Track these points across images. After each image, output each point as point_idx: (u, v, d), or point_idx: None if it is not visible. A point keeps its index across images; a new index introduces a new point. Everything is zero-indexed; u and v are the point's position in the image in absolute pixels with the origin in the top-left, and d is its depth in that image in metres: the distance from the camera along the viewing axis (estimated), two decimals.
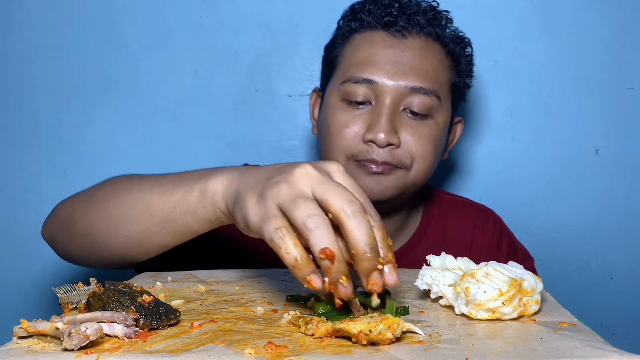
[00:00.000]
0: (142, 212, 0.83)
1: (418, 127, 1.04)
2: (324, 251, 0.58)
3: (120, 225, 0.86)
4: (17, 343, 0.57)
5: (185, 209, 0.78)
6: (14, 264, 1.46)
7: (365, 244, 0.59)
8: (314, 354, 0.53)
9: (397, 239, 1.18)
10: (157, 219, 0.82)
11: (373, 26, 1.07)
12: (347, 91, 1.05)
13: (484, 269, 0.66)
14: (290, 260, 0.60)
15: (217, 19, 1.41)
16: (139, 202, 0.84)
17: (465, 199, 1.28)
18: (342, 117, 1.05)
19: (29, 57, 1.42)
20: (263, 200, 0.63)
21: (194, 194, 0.77)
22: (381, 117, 1.02)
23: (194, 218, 0.78)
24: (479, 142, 1.43)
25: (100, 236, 0.88)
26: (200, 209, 0.77)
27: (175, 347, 0.56)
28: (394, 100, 1.03)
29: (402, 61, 1.04)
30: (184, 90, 1.43)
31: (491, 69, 1.40)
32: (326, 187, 0.62)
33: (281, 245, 0.60)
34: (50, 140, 1.44)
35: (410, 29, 1.06)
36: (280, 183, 0.63)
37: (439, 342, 0.57)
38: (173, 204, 0.80)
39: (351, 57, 1.08)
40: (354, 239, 0.59)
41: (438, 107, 1.05)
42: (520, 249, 1.23)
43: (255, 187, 0.66)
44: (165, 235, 0.83)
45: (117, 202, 0.87)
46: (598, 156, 1.41)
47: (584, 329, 0.61)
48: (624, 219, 1.42)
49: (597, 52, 1.39)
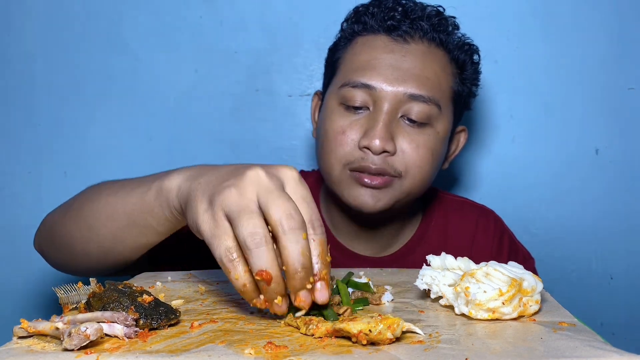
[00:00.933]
0: (108, 216, 0.84)
1: (416, 135, 1.02)
2: (259, 274, 0.60)
3: (92, 230, 0.87)
4: (17, 343, 0.57)
5: (144, 209, 0.79)
6: (14, 264, 1.46)
7: (297, 262, 0.60)
8: (314, 354, 0.53)
9: (397, 241, 1.18)
10: (121, 221, 0.83)
11: (376, 30, 1.05)
12: (345, 95, 1.03)
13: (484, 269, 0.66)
14: (239, 285, 0.61)
15: (217, 19, 1.41)
16: (106, 206, 0.85)
17: (466, 200, 1.28)
18: (339, 123, 1.03)
19: (29, 57, 1.42)
20: (212, 207, 0.63)
21: (151, 193, 0.77)
22: (377, 123, 1.00)
23: (153, 217, 0.79)
24: (479, 143, 1.43)
25: (76, 243, 0.90)
26: (157, 208, 0.77)
27: (175, 347, 0.56)
28: (392, 107, 1.01)
29: (402, 67, 1.02)
30: (184, 90, 1.43)
31: (491, 69, 1.39)
32: (271, 198, 0.62)
33: (230, 270, 0.61)
34: (50, 140, 1.44)
35: (413, 33, 1.03)
36: (229, 188, 0.63)
37: (439, 342, 0.57)
38: (132, 205, 0.80)
39: (352, 60, 1.06)
40: (286, 257, 0.60)
41: (438, 116, 1.03)
42: (521, 249, 1.23)
43: (207, 190, 0.66)
44: (132, 238, 0.84)
45: (89, 207, 0.88)
46: (598, 156, 1.41)
47: (584, 329, 0.61)
48: (624, 219, 1.42)
49: (597, 52, 1.39)
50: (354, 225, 1.13)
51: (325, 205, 1.18)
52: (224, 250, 0.61)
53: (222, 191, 0.63)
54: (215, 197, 0.63)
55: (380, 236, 1.15)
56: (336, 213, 1.14)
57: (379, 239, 1.16)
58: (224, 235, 0.62)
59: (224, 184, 0.64)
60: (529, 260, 1.22)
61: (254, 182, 0.63)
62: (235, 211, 0.61)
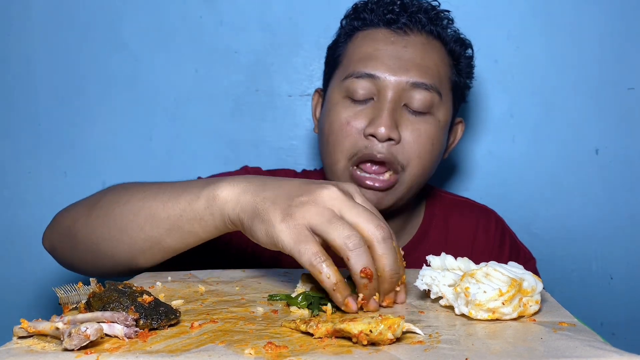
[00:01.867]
0: (146, 220, 0.84)
1: (418, 124, 1.03)
2: (364, 271, 0.65)
3: (124, 233, 0.86)
4: (17, 343, 0.57)
5: (192, 216, 0.80)
6: (14, 264, 1.46)
7: (392, 270, 0.67)
8: (314, 354, 0.53)
9: (398, 239, 1.17)
10: (162, 226, 0.83)
11: (375, 24, 1.08)
12: (349, 87, 1.05)
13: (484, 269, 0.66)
14: (330, 284, 0.65)
15: (217, 19, 1.41)
16: (142, 210, 0.85)
17: (467, 199, 1.28)
18: (344, 115, 1.05)
19: (29, 57, 1.42)
20: (292, 220, 0.67)
21: (200, 201, 0.79)
22: (382, 111, 1.01)
23: (200, 225, 0.80)
24: (479, 142, 1.43)
25: (103, 244, 0.89)
26: (208, 216, 0.78)
27: (175, 347, 0.56)
28: (396, 95, 1.03)
29: (404, 57, 1.04)
30: (184, 90, 1.43)
31: (491, 68, 1.39)
32: (356, 212, 0.67)
33: (321, 271, 0.65)
34: (50, 140, 1.44)
35: (412, 26, 1.06)
36: (308, 203, 0.68)
37: (439, 343, 0.57)
38: (179, 211, 0.81)
39: (353, 53, 1.08)
40: (383, 264, 0.66)
41: (439, 104, 1.05)
42: (522, 250, 1.23)
43: (278, 204, 0.69)
44: (170, 242, 0.84)
45: (120, 210, 0.87)
46: (598, 156, 1.41)
47: (584, 329, 0.61)
48: (624, 219, 1.42)
49: (597, 52, 1.39)
50: None
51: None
52: (312, 255, 0.65)
53: (300, 206, 0.68)
54: (294, 211, 0.68)
55: None
56: None
57: None
58: (310, 242, 0.66)
59: (300, 199, 0.69)
60: (530, 261, 1.22)
61: (332, 198, 0.68)
62: (324, 222, 0.66)
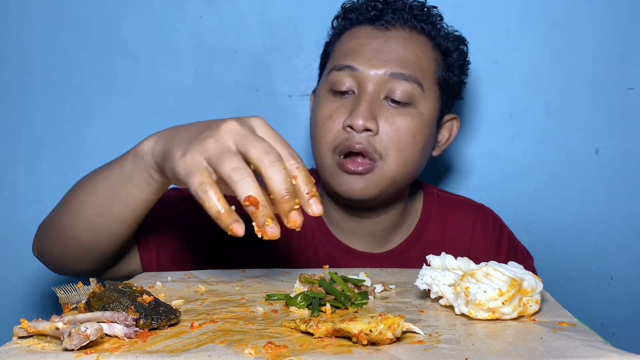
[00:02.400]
0: (94, 195, 0.88)
1: (397, 116, 1.05)
2: (248, 199, 0.64)
3: (82, 213, 0.89)
4: (17, 343, 0.57)
5: (124, 178, 0.83)
6: (14, 264, 1.46)
7: (282, 188, 0.65)
8: (314, 353, 0.54)
9: (394, 237, 1.18)
10: (104, 196, 0.87)
11: (361, 22, 1.11)
12: (332, 80, 1.08)
13: (484, 269, 0.66)
14: (214, 212, 0.65)
15: (217, 19, 1.41)
16: (92, 187, 0.89)
17: (464, 198, 1.28)
18: (327, 109, 1.07)
19: (29, 57, 1.42)
20: (189, 153, 0.68)
21: (127, 161, 0.83)
22: (361, 103, 1.03)
23: (133, 184, 0.83)
24: (478, 142, 1.43)
25: (68, 230, 0.91)
26: (136, 173, 0.82)
27: (175, 347, 0.56)
28: (375, 88, 1.05)
29: (384, 49, 1.06)
30: (184, 90, 1.43)
31: (491, 69, 1.39)
32: (248, 141, 0.68)
33: (204, 199, 0.65)
34: (50, 140, 1.44)
35: (395, 22, 1.09)
36: (207, 138, 0.69)
37: (439, 342, 0.57)
38: (113, 177, 0.85)
39: (339, 49, 1.12)
40: (272, 185, 0.65)
41: (420, 96, 1.06)
42: (520, 248, 1.23)
43: (183, 142, 0.71)
44: (118, 210, 0.86)
45: (78, 193, 0.91)
46: (598, 156, 1.41)
47: (584, 329, 0.61)
48: (624, 219, 1.42)
49: (597, 52, 1.39)
50: (349, 219, 1.14)
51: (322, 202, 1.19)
52: (198, 184, 0.66)
53: (200, 141, 0.69)
54: (194, 146, 0.69)
55: (375, 231, 1.16)
56: (332, 208, 1.15)
57: (375, 234, 1.16)
58: (199, 173, 0.67)
59: (201, 135, 0.70)
60: (528, 259, 1.22)
61: (229, 131, 0.69)
62: (215, 154, 0.67)
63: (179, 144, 0.72)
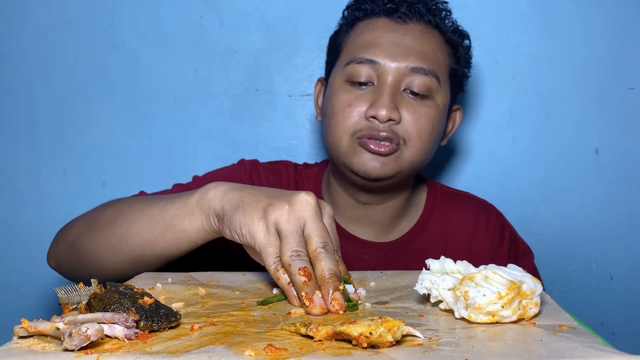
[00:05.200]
0: (144, 225, 0.88)
1: (418, 106, 1.08)
2: (302, 269, 0.71)
3: (123, 242, 0.90)
4: (18, 343, 0.57)
5: (185, 213, 0.85)
6: (14, 264, 1.46)
7: (330, 270, 0.72)
8: (314, 356, 0.54)
9: (398, 226, 1.20)
10: (157, 228, 0.87)
11: (376, 14, 1.12)
12: (350, 72, 1.09)
13: (483, 272, 0.66)
14: (284, 283, 0.73)
15: (217, 19, 1.41)
16: (141, 217, 0.89)
17: (466, 193, 1.29)
18: (345, 98, 1.09)
19: (29, 57, 1.42)
20: (266, 219, 0.75)
21: (194, 197, 0.85)
22: (383, 95, 1.06)
23: (190, 222, 0.84)
24: (479, 142, 1.43)
25: (104, 255, 0.92)
26: (197, 211, 0.83)
27: (175, 348, 0.56)
28: (396, 80, 1.07)
29: (403, 43, 1.08)
30: (184, 90, 1.43)
31: (491, 69, 1.39)
32: (314, 226, 0.75)
33: (279, 277, 0.74)
34: (50, 140, 1.44)
35: (411, 15, 1.10)
36: (283, 204, 0.75)
37: (439, 345, 0.57)
38: (175, 210, 0.86)
39: (355, 41, 1.12)
40: (322, 268, 0.72)
41: (437, 89, 1.09)
42: (521, 244, 1.24)
43: (261, 200, 0.77)
44: (163, 245, 0.87)
45: (121, 220, 0.91)
46: (598, 156, 1.41)
47: (583, 332, 0.61)
48: (624, 219, 1.42)
49: (597, 52, 1.39)
50: (355, 207, 1.16)
51: (327, 191, 1.21)
52: (274, 258, 0.74)
53: (275, 204, 0.75)
54: (269, 210, 0.75)
55: (380, 220, 1.18)
56: (338, 195, 1.18)
57: (380, 223, 1.18)
58: (274, 246, 0.74)
59: (278, 197, 0.77)
60: (529, 255, 1.22)
61: (304, 205, 0.76)
62: (285, 230, 0.74)
63: (257, 201, 0.77)
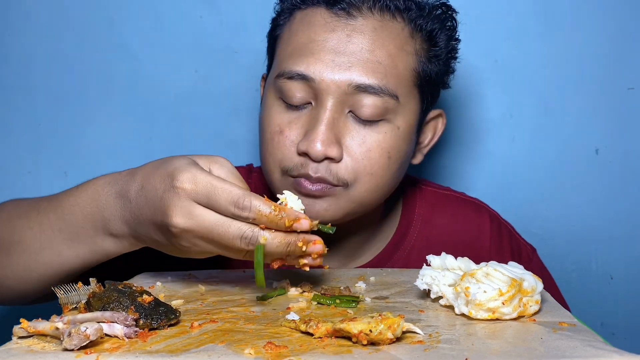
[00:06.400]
0: (48, 254, 0.86)
1: (367, 135, 0.85)
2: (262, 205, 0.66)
3: (28, 271, 0.88)
4: (17, 343, 0.57)
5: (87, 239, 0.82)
6: None
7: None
8: (314, 354, 0.54)
9: (368, 250, 1.04)
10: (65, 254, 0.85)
11: (315, 2, 0.88)
12: (282, 89, 0.88)
13: (484, 269, 0.66)
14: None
15: (217, 19, 1.41)
16: (43, 247, 0.87)
17: (454, 193, 1.13)
18: (277, 121, 0.89)
19: (29, 57, 1.42)
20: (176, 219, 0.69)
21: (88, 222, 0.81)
22: (319, 123, 0.84)
23: (111, 243, 0.81)
24: (479, 142, 1.43)
25: (10, 282, 0.89)
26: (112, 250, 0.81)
27: (175, 347, 0.56)
28: (337, 101, 0.85)
29: (346, 50, 0.84)
30: (184, 90, 1.43)
31: (491, 68, 1.39)
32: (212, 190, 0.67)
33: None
34: (50, 140, 1.44)
35: (360, 5, 0.85)
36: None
37: (439, 342, 0.57)
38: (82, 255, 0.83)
39: (288, 41, 0.90)
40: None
41: (396, 109, 0.86)
42: (523, 245, 1.16)
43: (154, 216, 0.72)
44: (75, 261, 0.86)
45: (21, 248, 0.88)
46: (598, 156, 1.41)
47: (583, 329, 0.61)
48: (624, 219, 1.42)
49: (597, 52, 1.39)
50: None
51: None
52: (230, 225, 0.67)
53: (166, 201, 0.70)
54: (169, 211, 0.69)
55: (343, 248, 1.01)
56: None
57: (345, 251, 1.02)
58: (218, 221, 0.67)
59: (159, 197, 0.73)
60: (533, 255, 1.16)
61: (185, 176, 0.69)
62: (201, 199, 0.67)
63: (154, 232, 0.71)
